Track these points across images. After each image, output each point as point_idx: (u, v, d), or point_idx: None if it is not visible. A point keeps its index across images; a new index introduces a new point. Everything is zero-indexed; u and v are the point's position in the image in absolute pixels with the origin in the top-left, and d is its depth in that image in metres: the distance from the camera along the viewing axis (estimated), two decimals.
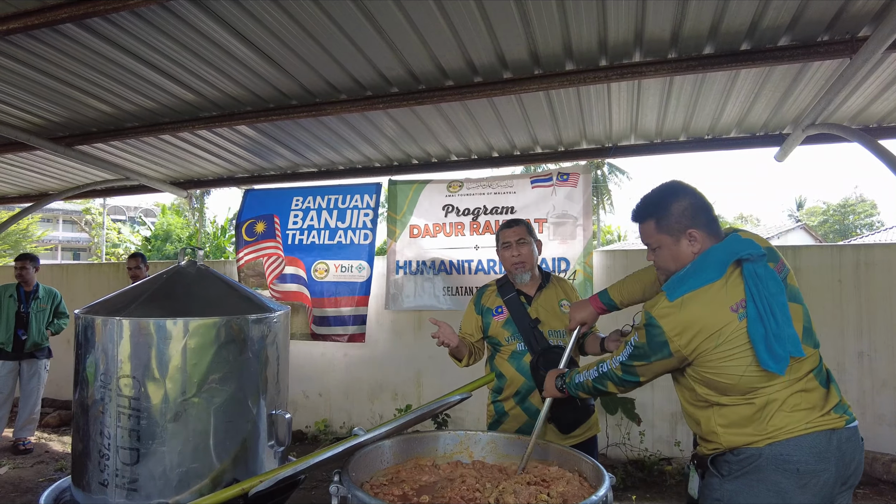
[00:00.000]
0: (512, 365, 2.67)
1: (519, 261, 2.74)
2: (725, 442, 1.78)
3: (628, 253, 5.16)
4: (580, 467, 2.09)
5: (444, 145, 4.81)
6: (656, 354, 1.81)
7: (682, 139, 4.75)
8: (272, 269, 5.36)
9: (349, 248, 5.25)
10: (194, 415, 2.03)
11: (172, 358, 2.01)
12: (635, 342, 1.86)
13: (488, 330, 2.76)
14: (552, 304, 2.77)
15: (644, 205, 1.98)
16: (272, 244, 5.38)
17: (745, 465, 1.74)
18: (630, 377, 1.91)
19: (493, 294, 2.84)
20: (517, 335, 2.66)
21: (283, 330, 2.38)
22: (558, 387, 2.20)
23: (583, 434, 2.68)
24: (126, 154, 5.16)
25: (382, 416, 5.81)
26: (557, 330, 2.69)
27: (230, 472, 2.12)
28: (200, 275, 2.36)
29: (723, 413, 1.79)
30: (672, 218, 1.87)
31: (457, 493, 1.91)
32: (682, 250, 1.87)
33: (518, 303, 2.73)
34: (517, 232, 2.78)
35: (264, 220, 5.55)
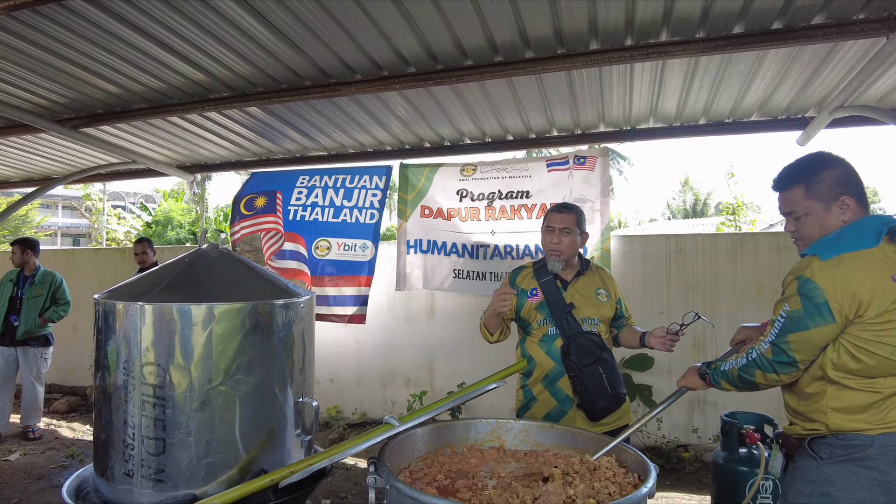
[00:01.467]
0: (542, 349, 2.63)
1: (556, 249, 2.68)
2: (833, 425, 1.72)
3: (646, 238, 5.08)
4: (620, 457, 2.03)
5: (458, 128, 4.71)
6: (815, 320, 1.67)
7: (702, 122, 4.65)
8: (270, 245, 5.04)
9: (353, 226, 5.00)
10: (221, 403, 1.96)
11: (198, 345, 1.93)
12: (786, 313, 1.72)
13: (521, 311, 2.71)
14: (589, 291, 2.71)
15: (792, 171, 1.91)
16: (272, 219, 5.04)
17: (851, 451, 1.69)
18: (783, 358, 1.73)
19: (528, 276, 2.78)
20: (550, 319, 2.62)
21: (309, 315, 2.31)
22: (701, 373, 2.08)
23: (614, 422, 2.63)
24: (133, 137, 5.06)
25: (395, 403, 5.77)
26: (591, 317, 2.64)
27: (258, 462, 2.05)
28: (223, 258, 2.28)
29: (840, 396, 1.72)
30: (824, 184, 1.82)
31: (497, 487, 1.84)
32: (832, 218, 1.81)
33: (554, 286, 2.67)
34: (564, 220, 2.70)
35: (266, 195, 5.22)
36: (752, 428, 2.95)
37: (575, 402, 2.53)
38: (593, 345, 2.51)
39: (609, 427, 2.59)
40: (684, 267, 4.89)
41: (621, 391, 2.54)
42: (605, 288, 2.74)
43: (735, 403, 4.76)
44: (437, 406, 2.02)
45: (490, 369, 2.88)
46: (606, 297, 2.71)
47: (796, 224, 1.90)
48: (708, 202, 35.80)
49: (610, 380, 2.47)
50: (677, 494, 4.04)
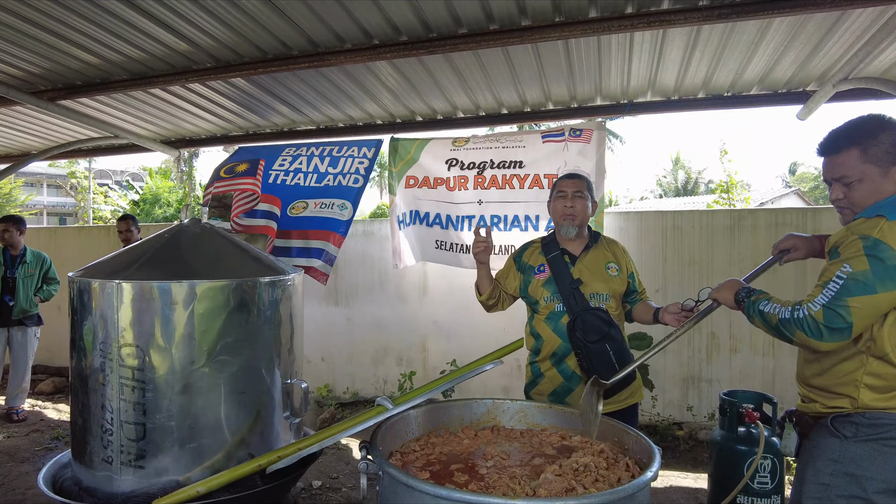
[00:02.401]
0: (549, 326, 2.56)
1: (570, 213, 2.60)
2: (863, 402, 1.64)
3: (643, 215, 4.99)
4: (622, 439, 1.96)
5: (452, 100, 4.57)
6: (885, 284, 1.53)
7: (701, 96, 4.54)
8: (242, 203, 4.62)
9: (335, 188, 4.66)
10: (204, 386, 1.87)
11: (179, 325, 1.83)
12: (848, 274, 1.57)
13: (528, 288, 2.64)
14: (598, 265, 2.62)
15: (845, 133, 1.76)
16: (250, 181, 4.67)
17: (879, 430, 1.61)
18: (838, 324, 1.56)
19: (536, 251, 2.71)
20: (557, 295, 2.54)
21: (297, 293, 2.21)
22: (738, 298, 1.90)
23: (624, 400, 2.56)
24: (113, 110, 4.88)
25: (387, 382, 5.71)
26: (600, 293, 2.55)
27: (244, 446, 1.97)
28: (206, 234, 2.17)
29: (881, 372, 1.62)
30: (883, 147, 1.69)
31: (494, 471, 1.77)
32: (889, 184, 1.69)
33: (561, 262, 2.59)
34: (576, 184, 2.64)
35: (248, 162, 4.90)
36: (751, 407, 2.90)
37: (583, 379, 2.46)
38: (600, 321, 2.42)
39: (620, 405, 2.53)
40: (681, 243, 4.82)
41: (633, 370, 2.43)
42: (617, 262, 2.64)
43: (732, 382, 4.74)
44: (432, 388, 1.94)
45: (484, 347, 2.82)
46: (617, 271, 2.61)
47: (846, 191, 1.75)
48: (699, 180, 35.82)
49: (618, 357, 2.39)
50: (672, 472, 4.02)
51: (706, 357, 4.83)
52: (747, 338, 4.75)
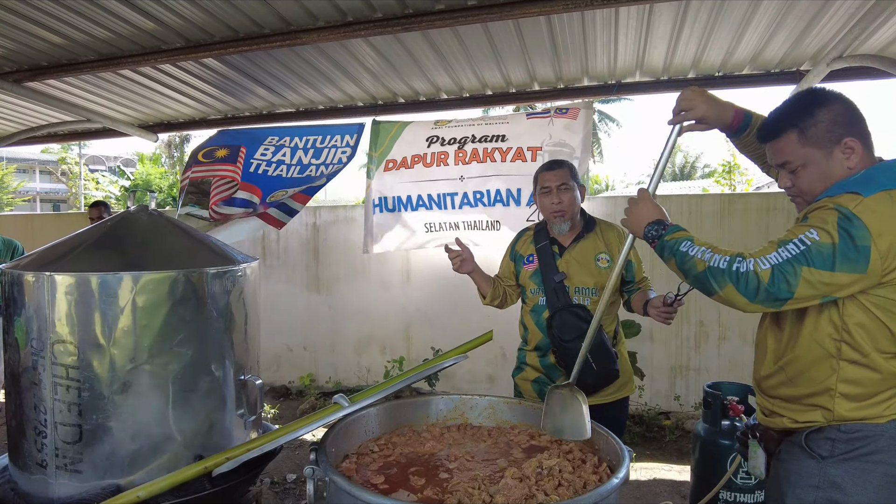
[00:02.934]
0: (532, 319, 2.50)
1: (559, 209, 2.44)
2: (839, 413, 1.44)
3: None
4: (591, 439, 1.85)
5: (434, 81, 4.42)
6: (846, 264, 1.35)
7: (691, 76, 4.39)
8: (220, 191, 4.55)
9: (317, 178, 4.54)
10: (147, 384, 1.75)
11: (117, 319, 1.71)
12: (812, 241, 1.36)
13: (519, 278, 2.57)
14: (587, 257, 2.46)
15: (781, 115, 1.58)
16: (230, 167, 4.58)
17: (857, 444, 1.42)
18: (780, 291, 1.37)
19: (528, 240, 2.60)
20: (542, 288, 2.44)
21: (251, 284, 2.08)
22: (648, 234, 1.66)
23: (612, 394, 2.45)
24: (84, 93, 4.71)
25: (370, 370, 5.61)
26: (586, 287, 2.41)
27: (193, 447, 1.85)
28: (153, 222, 2.03)
29: (857, 378, 1.43)
30: (822, 126, 1.50)
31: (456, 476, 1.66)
32: (835, 166, 1.50)
33: (549, 253, 2.47)
34: (559, 176, 2.47)
35: (229, 148, 4.77)
36: (736, 399, 2.80)
37: (563, 374, 2.36)
38: (578, 319, 2.31)
39: (605, 399, 2.42)
40: None
41: (610, 367, 2.32)
42: (609, 251, 2.47)
43: (720, 371, 4.64)
44: (390, 385, 1.82)
45: (469, 334, 2.70)
46: (608, 261, 2.44)
47: (793, 178, 1.57)
48: (696, 165, 35.67)
49: (596, 356, 2.24)
50: (657, 465, 3.93)
51: (694, 346, 4.73)
52: (736, 326, 4.65)
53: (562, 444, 1.87)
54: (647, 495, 3.43)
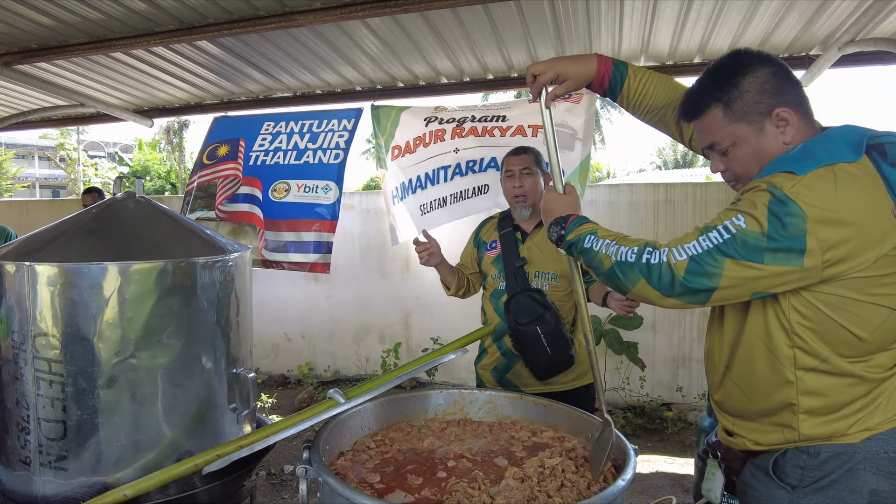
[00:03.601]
0: (491, 304, 2.53)
1: (521, 193, 2.49)
2: (805, 432, 1.24)
3: (634, 187, 4.78)
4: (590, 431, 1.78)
5: (434, 65, 4.32)
6: (778, 256, 1.14)
7: (697, 62, 4.29)
8: (225, 190, 4.58)
9: (316, 167, 4.48)
10: (134, 378, 1.68)
11: (101, 311, 1.64)
12: (738, 229, 1.16)
13: (480, 264, 2.60)
14: (549, 243, 2.42)
15: (701, 89, 1.36)
16: (231, 166, 4.61)
17: (829, 469, 1.23)
18: (699, 283, 1.18)
19: (492, 227, 2.63)
20: (503, 273, 2.48)
21: (243, 273, 2.01)
22: (553, 237, 1.52)
23: (569, 381, 2.45)
24: (76, 76, 4.61)
25: (369, 360, 5.56)
26: (546, 272, 2.46)
27: (182, 443, 1.79)
28: (142, 209, 1.96)
29: (815, 387, 1.23)
30: (748, 96, 1.29)
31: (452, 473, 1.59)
32: (769, 142, 1.29)
33: (511, 239, 2.50)
34: (522, 160, 2.50)
35: (229, 143, 4.80)
36: None
37: (518, 358, 2.42)
38: (534, 303, 2.34)
39: (565, 387, 2.44)
40: (673, 218, 4.62)
41: (565, 353, 2.33)
42: None
43: None
44: (387, 380, 1.75)
45: (469, 324, 2.70)
46: None
47: (724, 160, 1.37)
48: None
49: (550, 340, 2.29)
50: (659, 457, 3.88)
51: (697, 336, 4.67)
52: None
53: (564, 441, 1.81)
54: (649, 489, 3.38)
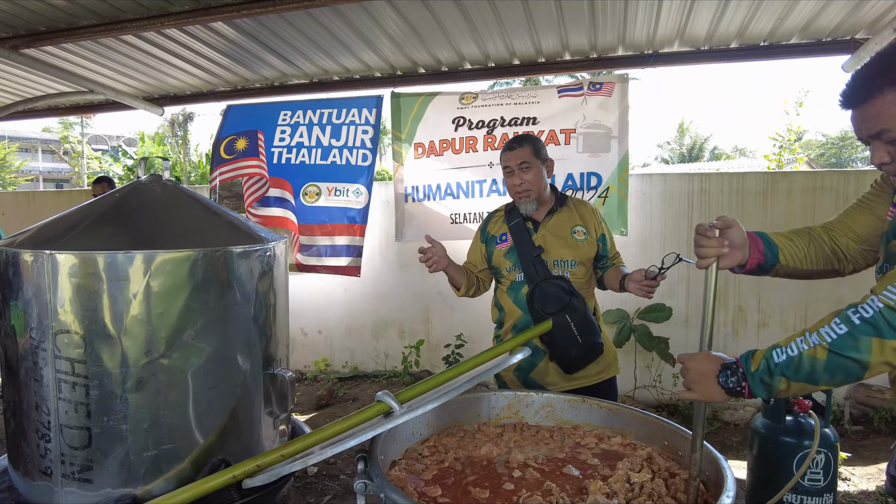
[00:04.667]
0: (510, 297, 2.39)
1: (522, 190, 2.36)
2: None
3: (667, 177, 4.59)
4: (673, 442, 1.61)
5: (459, 50, 4.13)
6: None
7: (734, 46, 4.11)
8: (253, 191, 4.66)
9: (345, 169, 4.57)
10: (165, 381, 1.51)
11: (130, 306, 1.47)
12: None
13: (491, 259, 2.45)
14: (563, 230, 2.38)
15: (875, 72, 1.23)
16: (255, 163, 4.63)
17: None
18: None
19: (499, 220, 2.50)
20: (518, 265, 2.35)
21: (280, 265, 1.84)
22: (730, 384, 1.25)
23: (596, 374, 2.34)
24: (85, 61, 4.43)
25: (388, 356, 5.39)
26: (564, 259, 2.33)
27: (217, 451, 1.63)
28: (168, 194, 1.78)
29: None
30: None
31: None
32: None
33: (523, 229, 2.38)
34: (519, 155, 2.35)
35: (247, 136, 4.78)
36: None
37: (546, 353, 2.28)
38: (560, 290, 2.21)
39: (591, 381, 2.33)
40: (708, 209, 4.44)
41: (595, 340, 2.22)
42: (585, 224, 2.41)
43: None
44: (450, 387, 1.58)
45: (490, 319, 2.54)
46: (585, 234, 2.38)
47: (891, 150, 1.25)
48: (704, 147, 35.21)
49: (580, 328, 2.17)
50: None
51: (732, 332, 4.50)
52: (777, 312, 4.40)
53: (637, 449, 1.64)
54: None
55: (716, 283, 1.42)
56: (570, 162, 4.20)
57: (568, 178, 4.23)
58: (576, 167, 4.18)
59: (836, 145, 43.40)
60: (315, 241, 4.61)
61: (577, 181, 4.21)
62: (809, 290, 4.29)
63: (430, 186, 4.55)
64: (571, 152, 4.20)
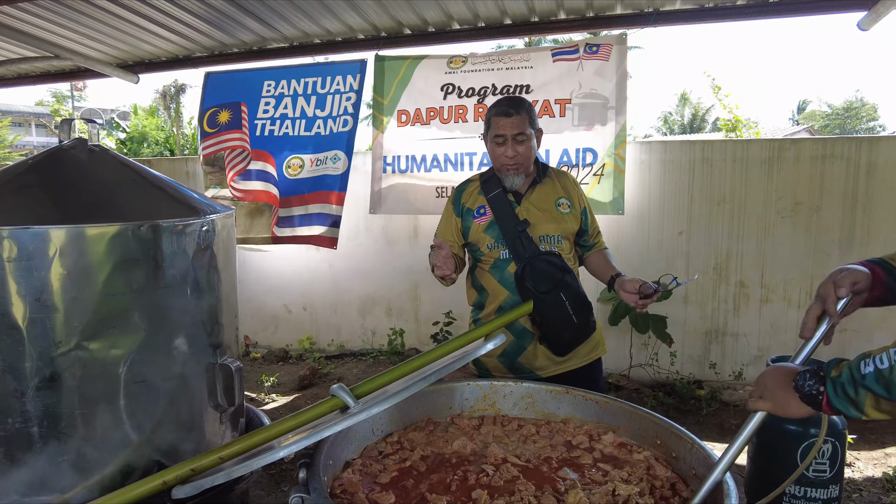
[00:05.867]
0: (494, 276, 2.18)
1: (513, 163, 2.13)
2: None
3: (667, 145, 4.34)
4: (667, 442, 1.43)
5: (446, 8, 3.85)
6: None
7: (741, 3, 3.82)
8: (234, 164, 4.55)
9: (326, 138, 4.35)
10: (81, 375, 1.32)
11: (34, 290, 1.27)
12: None
13: (468, 235, 2.22)
14: (547, 202, 2.18)
15: None
16: (237, 135, 4.55)
17: None
18: None
19: (475, 191, 2.26)
20: (501, 241, 2.14)
21: (225, 241, 1.63)
22: (807, 388, 1.06)
23: (585, 355, 2.17)
24: (49, 24, 4.14)
25: (375, 333, 5.22)
26: (550, 235, 2.14)
27: (148, 452, 1.44)
28: (95, 160, 1.57)
29: None
30: None
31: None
32: None
33: (504, 201, 2.15)
34: (516, 124, 2.10)
35: (230, 108, 4.69)
36: None
37: (535, 335, 2.10)
38: (553, 267, 2.03)
39: (580, 362, 2.16)
40: (710, 179, 4.20)
41: (589, 319, 2.08)
42: (569, 196, 2.22)
43: (761, 336, 4.21)
44: (413, 381, 1.38)
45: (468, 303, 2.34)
46: (569, 207, 2.19)
47: None
48: (706, 118, 34.76)
49: (574, 307, 2.01)
50: None
51: (733, 308, 4.30)
52: (781, 287, 4.20)
53: (633, 452, 1.45)
54: None
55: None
56: (565, 136, 3.95)
57: (563, 154, 3.99)
58: (571, 142, 3.93)
59: (841, 115, 42.81)
60: (291, 211, 4.39)
61: (571, 157, 3.96)
62: (815, 264, 4.08)
63: (415, 157, 4.30)
64: (567, 125, 3.95)
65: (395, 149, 4.36)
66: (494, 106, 2.18)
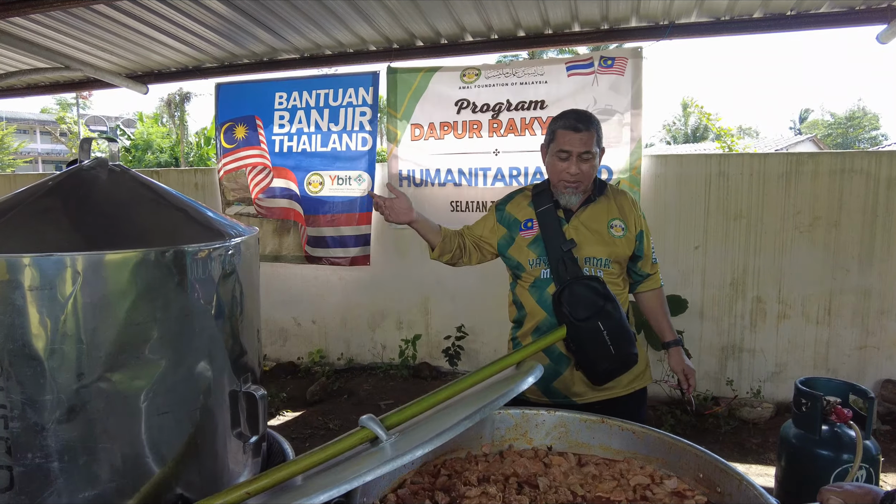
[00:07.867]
0: (533, 296, 2.10)
1: (574, 181, 2.02)
2: None
3: (683, 158, 4.30)
4: (710, 476, 1.36)
5: (460, 20, 3.82)
6: None
7: (758, 16, 3.79)
8: (258, 182, 4.76)
9: (345, 155, 4.48)
10: (104, 408, 1.27)
11: (55, 320, 1.22)
12: None
13: (509, 248, 2.13)
14: (599, 223, 2.08)
15: None
16: (256, 152, 4.74)
17: None
18: None
19: (525, 203, 2.16)
20: (544, 259, 2.05)
21: (248, 263, 1.58)
22: None
23: (628, 385, 2.09)
24: (59, 35, 4.14)
25: (385, 347, 5.16)
26: (598, 258, 2.05)
27: (173, 485, 1.38)
28: (115, 181, 1.52)
29: None
30: None
31: None
32: None
33: (553, 217, 2.06)
34: (584, 141, 1.98)
35: (245, 122, 4.82)
36: (839, 401, 2.31)
37: (572, 360, 2.00)
38: (593, 293, 1.91)
39: (621, 392, 2.07)
40: (727, 193, 4.16)
41: (630, 351, 1.93)
42: (623, 219, 2.10)
43: (779, 353, 4.14)
44: (447, 411, 1.33)
45: (494, 311, 2.30)
46: (623, 230, 2.08)
47: None
48: (710, 127, 34.73)
49: (613, 337, 1.88)
50: None
51: (750, 324, 4.24)
52: (798, 303, 4.14)
53: (684, 500, 1.38)
54: None
55: None
56: None
57: None
58: None
59: (843, 125, 42.83)
60: (321, 231, 4.57)
61: None
62: (834, 279, 4.03)
63: (429, 171, 4.30)
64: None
65: (410, 162, 4.37)
66: (561, 118, 2.06)
